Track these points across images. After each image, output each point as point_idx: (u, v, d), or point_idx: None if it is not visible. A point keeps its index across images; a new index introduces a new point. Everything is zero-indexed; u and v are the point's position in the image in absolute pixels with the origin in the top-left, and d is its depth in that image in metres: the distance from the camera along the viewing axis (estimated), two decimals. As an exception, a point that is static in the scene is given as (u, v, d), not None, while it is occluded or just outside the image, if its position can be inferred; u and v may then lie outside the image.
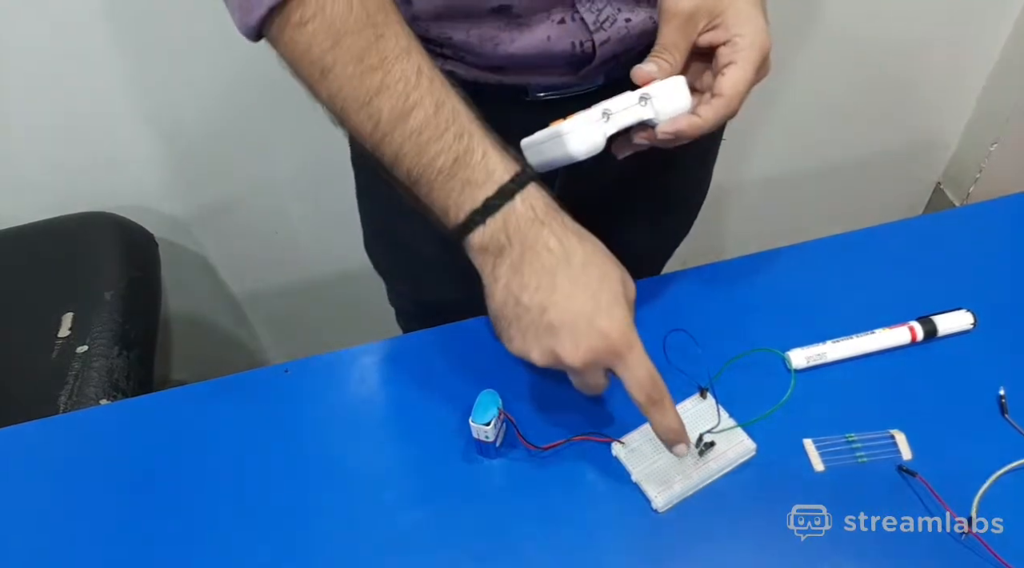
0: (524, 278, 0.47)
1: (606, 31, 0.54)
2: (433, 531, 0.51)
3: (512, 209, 0.47)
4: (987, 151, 1.33)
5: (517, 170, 0.47)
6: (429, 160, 0.46)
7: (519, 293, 0.47)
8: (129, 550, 0.52)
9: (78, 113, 0.98)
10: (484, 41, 0.54)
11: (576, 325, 0.46)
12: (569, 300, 0.46)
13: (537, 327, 0.47)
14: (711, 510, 0.51)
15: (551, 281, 0.46)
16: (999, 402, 0.55)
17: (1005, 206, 0.69)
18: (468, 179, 0.46)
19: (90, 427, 0.59)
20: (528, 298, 0.47)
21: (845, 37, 1.18)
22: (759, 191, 1.37)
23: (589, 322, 0.46)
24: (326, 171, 1.08)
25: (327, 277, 1.27)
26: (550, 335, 0.46)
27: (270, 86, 1.00)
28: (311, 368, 0.61)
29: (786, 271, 0.64)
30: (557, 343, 0.46)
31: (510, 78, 0.57)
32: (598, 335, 0.46)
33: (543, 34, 0.53)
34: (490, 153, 0.47)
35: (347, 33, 0.46)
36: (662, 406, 0.47)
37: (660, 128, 0.49)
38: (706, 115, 0.49)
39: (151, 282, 1.00)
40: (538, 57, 0.55)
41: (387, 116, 0.46)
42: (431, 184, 0.47)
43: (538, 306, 0.46)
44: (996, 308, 0.60)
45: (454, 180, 0.47)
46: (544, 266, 0.47)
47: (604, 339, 0.46)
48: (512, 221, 0.47)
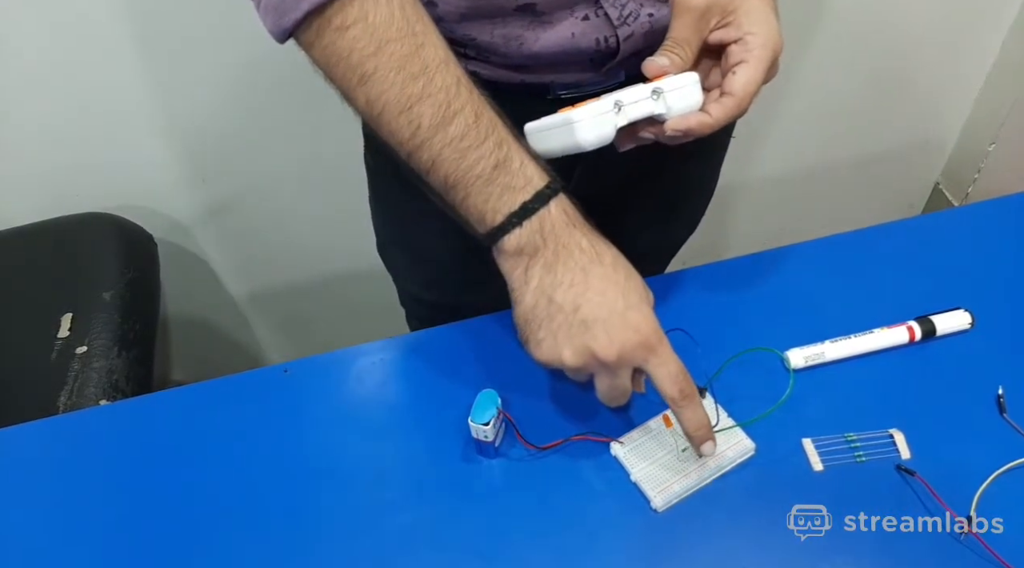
0: (558, 276, 0.48)
1: (630, 26, 0.54)
2: (432, 530, 0.51)
3: (548, 212, 0.48)
4: (985, 151, 1.33)
5: (551, 178, 0.49)
6: (469, 166, 0.48)
7: (552, 291, 0.48)
8: (129, 550, 0.52)
9: (77, 114, 0.98)
10: (509, 41, 0.54)
11: (610, 320, 0.47)
12: (602, 296, 0.48)
13: (571, 325, 0.48)
14: (710, 510, 0.51)
15: (584, 278, 0.48)
16: (997, 401, 0.55)
17: (1003, 206, 0.69)
18: (508, 184, 0.48)
19: (90, 428, 0.59)
20: (562, 296, 0.48)
21: (843, 37, 1.18)
22: (758, 191, 1.37)
23: (622, 317, 0.47)
24: (326, 172, 1.08)
25: (326, 277, 1.27)
26: (584, 331, 0.48)
27: (270, 87, 1.00)
28: (310, 368, 0.61)
29: (785, 271, 0.64)
30: (592, 338, 0.47)
31: (533, 77, 0.57)
32: (632, 329, 0.47)
33: (567, 31, 0.54)
34: (527, 161, 0.49)
35: (390, 40, 0.46)
36: (693, 401, 0.49)
37: (670, 124, 0.49)
38: (716, 114, 0.49)
39: (150, 282, 1.00)
40: (563, 54, 0.55)
41: (428, 123, 0.47)
42: (469, 189, 0.48)
43: (571, 303, 0.48)
44: (994, 308, 0.60)
45: (493, 185, 0.48)
46: (577, 264, 0.48)
47: (637, 333, 0.47)
48: (548, 223, 0.48)
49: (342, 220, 1.05)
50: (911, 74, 1.27)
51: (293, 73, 0.94)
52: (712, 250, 1.42)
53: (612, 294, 0.48)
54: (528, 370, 0.58)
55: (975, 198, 1.40)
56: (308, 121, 1.04)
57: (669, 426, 0.54)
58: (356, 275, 1.23)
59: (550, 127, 0.50)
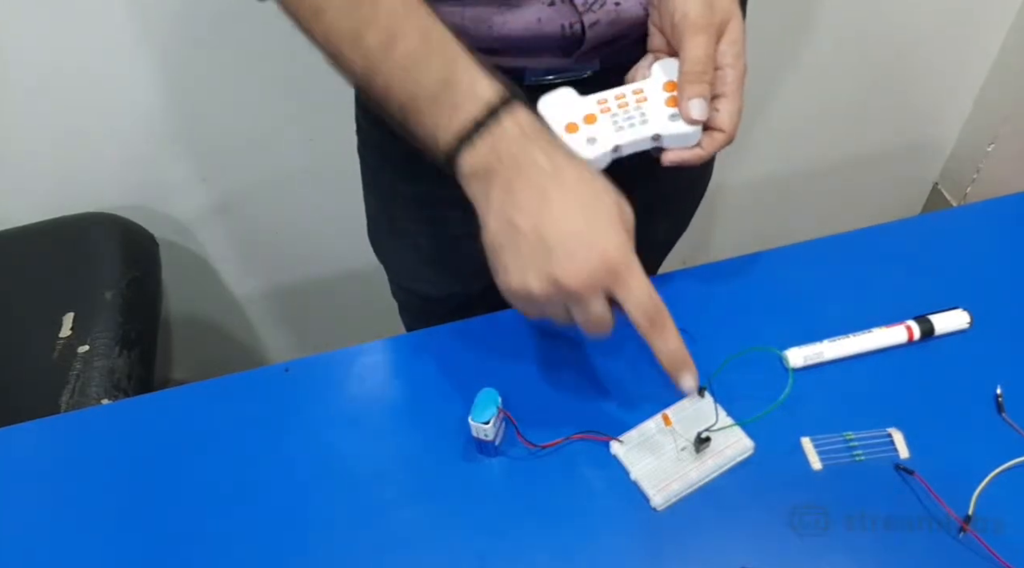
0: (516, 197, 0.45)
1: (595, 13, 0.54)
2: (432, 529, 0.52)
3: (500, 127, 0.46)
4: (984, 151, 1.33)
5: (504, 91, 0.47)
6: (416, 87, 0.47)
7: (512, 214, 0.45)
8: (130, 549, 0.52)
9: (78, 113, 0.98)
10: (478, 23, 0.54)
11: (573, 244, 0.44)
12: (564, 219, 0.45)
13: (533, 250, 0.45)
14: (709, 508, 0.51)
15: (543, 199, 0.45)
16: (996, 401, 0.56)
17: (1002, 206, 0.69)
18: (455, 103, 0.46)
19: (91, 427, 0.59)
20: (522, 220, 0.45)
21: (842, 38, 1.18)
22: (757, 191, 1.37)
23: (586, 241, 0.44)
24: (326, 171, 1.08)
25: (327, 277, 1.27)
26: (547, 256, 0.45)
27: (270, 86, 1.00)
28: (311, 367, 0.61)
29: (784, 270, 0.64)
30: (555, 264, 0.44)
31: (505, 61, 0.57)
32: (596, 254, 0.44)
33: (533, 16, 0.54)
34: (477, 77, 0.46)
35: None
36: (663, 329, 0.46)
37: (667, 157, 0.52)
38: (708, 147, 0.52)
39: (152, 282, 1.01)
40: (530, 39, 0.55)
41: (375, 48, 0.47)
42: (420, 112, 0.47)
43: (532, 226, 0.45)
44: (992, 307, 0.60)
45: (442, 104, 0.46)
46: (534, 183, 0.45)
47: (603, 258, 0.44)
48: (502, 141, 0.46)
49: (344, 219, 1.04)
50: (910, 74, 1.27)
51: (293, 73, 0.95)
52: (712, 250, 1.42)
53: (575, 216, 0.45)
54: (529, 369, 0.58)
55: (974, 198, 1.40)
56: (309, 121, 1.04)
57: (668, 425, 0.54)
58: (358, 275, 1.23)
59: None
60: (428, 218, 0.70)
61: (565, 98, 0.53)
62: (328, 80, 0.51)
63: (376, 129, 0.68)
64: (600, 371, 0.58)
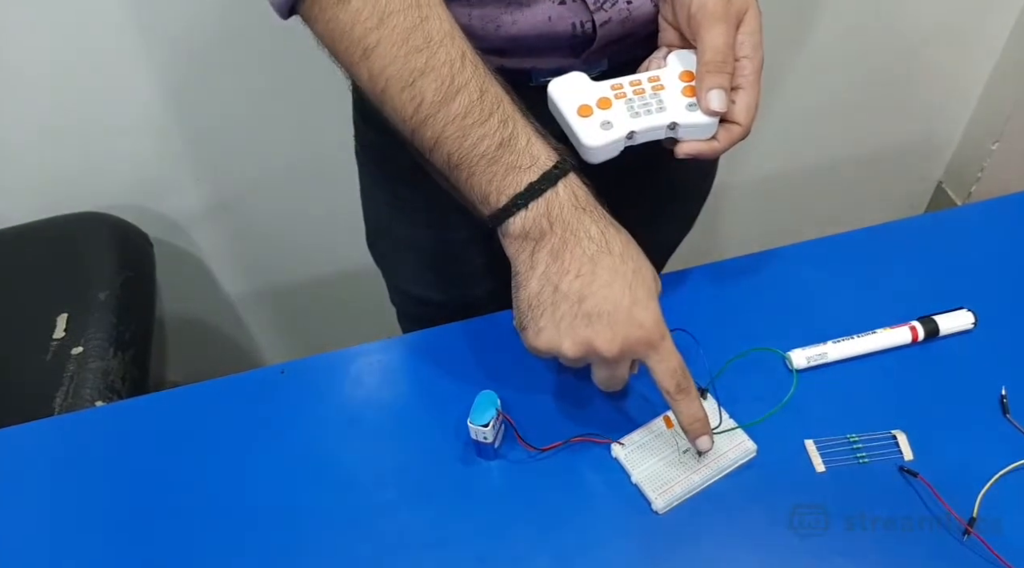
0: (564, 264, 0.47)
1: (606, 12, 0.54)
2: (431, 533, 0.51)
3: (555, 194, 0.47)
4: (989, 150, 1.33)
5: (559, 158, 0.48)
6: (472, 144, 0.47)
7: (558, 280, 0.47)
8: (126, 552, 0.52)
9: (72, 113, 0.98)
10: (486, 23, 0.54)
11: (614, 315, 0.46)
12: (608, 289, 0.46)
13: (574, 316, 0.47)
14: (712, 512, 0.51)
15: (592, 269, 0.47)
16: (1001, 402, 0.55)
17: (1007, 205, 0.69)
18: (512, 164, 0.47)
19: (86, 429, 0.59)
20: (567, 285, 0.46)
21: (846, 35, 1.18)
22: (761, 190, 1.36)
23: (627, 312, 0.46)
24: (322, 171, 1.07)
25: (323, 278, 1.26)
26: (587, 324, 0.46)
27: (267, 85, 1.00)
28: (307, 369, 0.60)
29: (787, 270, 0.64)
30: (594, 333, 0.46)
31: (513, 62, 0.57)
32: (636, 326, 0.46)
33: (543, 14, 0.53)
34: (534, 140, 0.47)
35: (392, 13, 0.46)
36: (690, 395, 0.48)
37: (682, 148, 0.51)
38: (724, 140, 0.51)
39: (146, 282, 1.00)
40: (540, 39, 0.54)
41: (431, 98, 0.46)
42: (472, 169, 0.47)
43: (577, 294, 0.46)
44: (997, 308, 0.60)
45: (497, 164, 0.47)
46: (585, 253, 0.47)
47: (641, 329, 0.46)
48: (555, 206, 0.47)
49: (339, 220, 1.04)
50: (914, 72, 1.27)
51: (288, 72, 0.94)
52: (714, 250, 1.41)
53: (619, 287, 0.46)
54: (528, 371, 0.58)
55: (978, 197, 1.40)
56: (304, 121, 1.04)
57: (670, 427, 0.54)
58: (354, 276, 1.22)
59: (564, 120, 0.51)
60: (429, 222, 0.70)
61: (577, 81, 0.52)
62: (324, 80, 0.51)
63: (375, 135, 0.67)
64: (600, 372, 0.58)
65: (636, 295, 0.47)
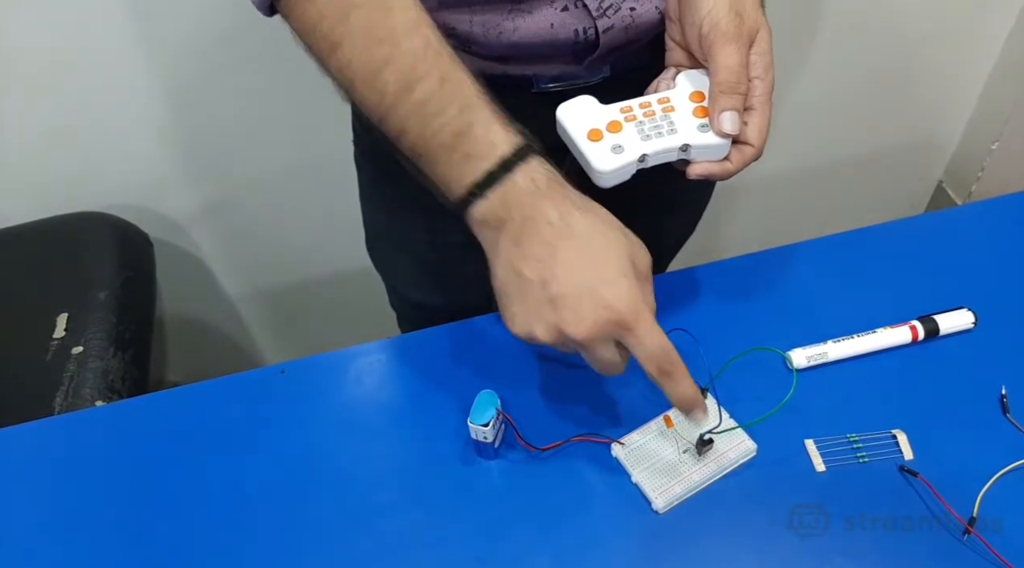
0: (524, 251, 0.46)
1: (609, 18, 0.53)
2: (431, 533, 0.51)
3: (512, 182, 0.46)
4: (989, 149, 1.33)
5: (520, 144, 0.47)
6: (432, 133, 0.46)
7: (520, 266, 0.46)
8: (125, 551, 0.52)
9: (72, 113, 0.97)
10: (488, 29, 0.54)
11: (579, 298, 0.45)
12: (570, 272, 0.45)
13: (539, 302, 0.46)
14: (712, 511, 0.51)
15: (551, 253, 0.45)
16: (1001, 401, 0.55)
17: (1007, 205, 0.69)
18: (469, 152, 0.46)
19: (86, 429, 0.59)
20: (529, 271, 0.46)
21: (846, 35, 1.17)
22: (760, 190, 1.36)
23: (592, 294, 0.45)
24: (322, 171, 1.07)
25: (323, 277, 1.26)
26: (552, 309, 0.45)
27: (267, 86, 1.00)
28: (307, 369, 0.60)
29: (787, 270, 0.64)
30: (560, 317, 0.45)
31: (515, 69, 0.57)
32: (603, 307, 0.45)
33: (546, 21, 0.53)
34: (494, 127, 0.46)
35: (356, 6, 0.46)
36: (673, 377, 0.46)
37: (694, 169, 0.51)
38: (737, 162, 0.51)
39: (146, 282, 1.00)
40: (542, 46, 0.54)
41: (393, 89, 0.46)
42: (434, 157, 0.47)
43: (539, 279, 0.45)
44: (998, 307, 0.60)
45: (456, 153, 0.46)
46: (544, 239, 0.46)
47: (609, 311, 0.45)
48: (512, 194, 0.46)
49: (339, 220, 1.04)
50: (914, 72, 1.27)
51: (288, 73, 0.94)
52: (714, 250, 1.41)
53: (582, 268, 0.45)
54: (528, 371, 0.58)
55: (978, 197, 1.40)
56: (303, 121, 1.04)
57: (670, 427, 0.54)
58: (354, 276, 1.22)
59: (574, 145, 0.50)
60: (429, 227, 0.70)
61: (586, 105, 0.51)
62: (324, 80, 0.51)
63: (373, 140, 0.67)
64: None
65: (603, 275, 0.45)
